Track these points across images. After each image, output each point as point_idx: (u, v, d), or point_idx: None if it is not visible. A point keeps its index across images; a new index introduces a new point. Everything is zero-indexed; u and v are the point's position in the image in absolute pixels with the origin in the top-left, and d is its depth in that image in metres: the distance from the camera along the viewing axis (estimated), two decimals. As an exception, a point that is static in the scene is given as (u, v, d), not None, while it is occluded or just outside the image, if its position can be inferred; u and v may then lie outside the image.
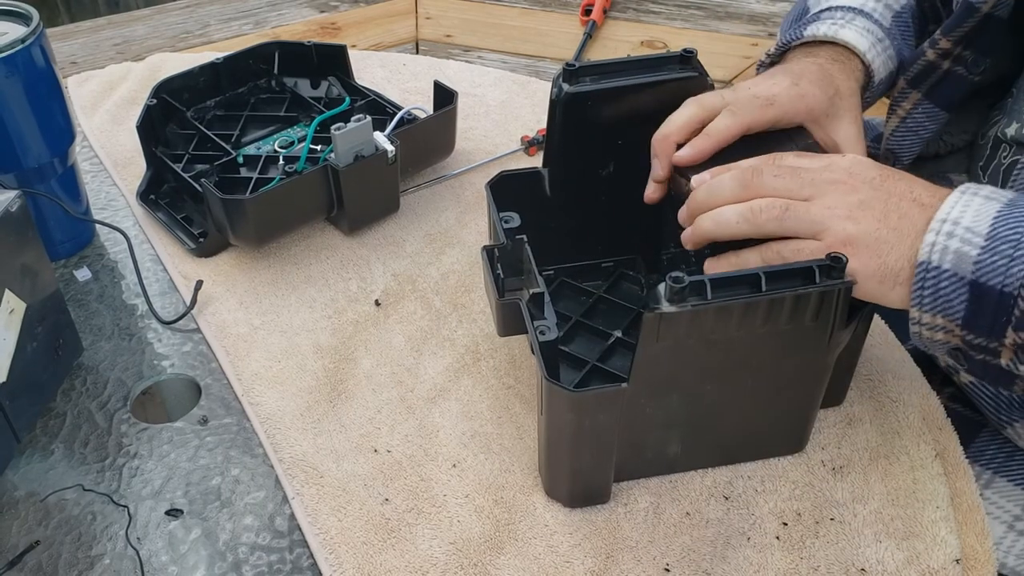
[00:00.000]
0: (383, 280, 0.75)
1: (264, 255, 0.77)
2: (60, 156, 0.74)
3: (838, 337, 0.53)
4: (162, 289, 0.75)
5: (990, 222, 0.49)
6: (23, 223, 0.60)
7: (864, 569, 0.55)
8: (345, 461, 0.61)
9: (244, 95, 0.88)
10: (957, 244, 0.49)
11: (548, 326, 0.56)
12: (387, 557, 0.56)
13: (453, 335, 0.71)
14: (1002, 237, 0.48)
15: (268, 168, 0.80)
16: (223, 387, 0.67)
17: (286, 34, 1.24)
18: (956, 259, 0.49)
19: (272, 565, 0.56)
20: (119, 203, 0.84)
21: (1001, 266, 0.48)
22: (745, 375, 0.55)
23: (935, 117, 0.71)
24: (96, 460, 0.62)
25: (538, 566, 0.55)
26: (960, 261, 0.49)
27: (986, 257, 0.49)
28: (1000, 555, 0.62)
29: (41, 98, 0.70)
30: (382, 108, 0.85)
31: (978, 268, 0.49)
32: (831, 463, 0.61)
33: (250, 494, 0.60)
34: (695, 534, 0.57)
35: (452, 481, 0.60)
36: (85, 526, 0.58)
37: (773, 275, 0.50)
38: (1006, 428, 0.63)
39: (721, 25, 1.29)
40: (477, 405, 0.65)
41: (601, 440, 0.55)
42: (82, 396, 0.66)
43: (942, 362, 0.68)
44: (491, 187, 0.65)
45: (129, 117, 0.93)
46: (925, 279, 0.50)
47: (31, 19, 0.69)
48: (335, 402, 0.65)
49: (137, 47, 1.20)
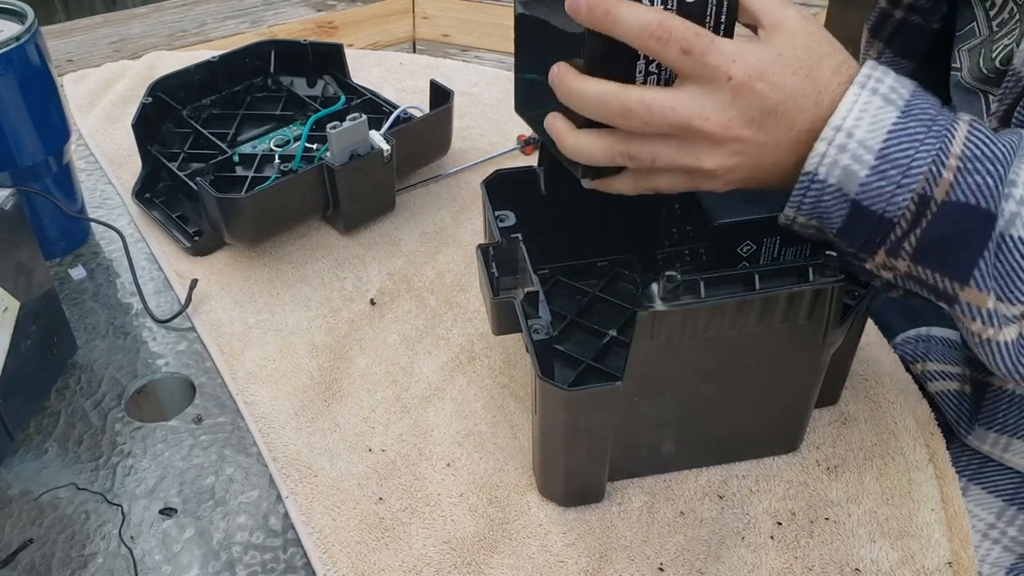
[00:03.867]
0: (378, 279, 0.75)
1: (259, 254, 0.77)
2: (55, 154, 0.74)
3: (832, 336, 0.53)
4: (157, 288, 0.75)
5: (883, 137, 0.47)
6: (17, 221, 0.60)
7: (858, 569, 0.55)
8: (339, 460, 0.61)
9: (240, 94, 0.88)
10: (847, 160, 0.47)
11: (542, 325, 0.56)
12: (381, 556, 0.56)
13: (448, 334, 0.70)
14: (892, 159, 0.47)
15: (264, 167, 0.80)
16: (217, 386, 0.67)
17: (283, 33, 1.24)
18: (843, 175, 0.48)
19: (266, 564, 0.56)
20: (114, 201, 0.84)
21: (887, 192, 0.47)
22: (739, 374, 0.55)
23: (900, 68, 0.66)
24: (90, 459, 0.62)
25: (532, 565, 0.55)
26: (847, 178, 0.48)
27: (873, 179, 0.47)
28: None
29: (36, 96, 0.69)
30: (378, 107, 0.85)
31: (863, 189, 0.47)
32: (826, 463, 0.61)
33: (244, 493, 0.60)
34: (689, 533, 0.57)
35: (446, 480, 0.60)
36: (79, 525, 0.58)
37: (767, 273, 0.50)
38: (966, 437, 0.63)
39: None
40: (472, 404, 0.65)
41: (595, 439, 0.55)
42: (76, 395, 0.66)
43: (916, 370, 0.68)
44: (486, 186, 0.65)
45: (125, 115, 0.93)
46: (808, 189, 0.49)
47: (26, 17, 0.69)
48: (330, 401, 0.65)
49: (134, 45, 1.20)
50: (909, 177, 0.47)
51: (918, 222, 0.47)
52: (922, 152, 0.47)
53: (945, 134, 0.47)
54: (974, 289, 0.48)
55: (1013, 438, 0.62)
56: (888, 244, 0.48)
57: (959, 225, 0.47)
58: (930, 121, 0.47)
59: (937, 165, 0.47)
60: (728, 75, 0.47)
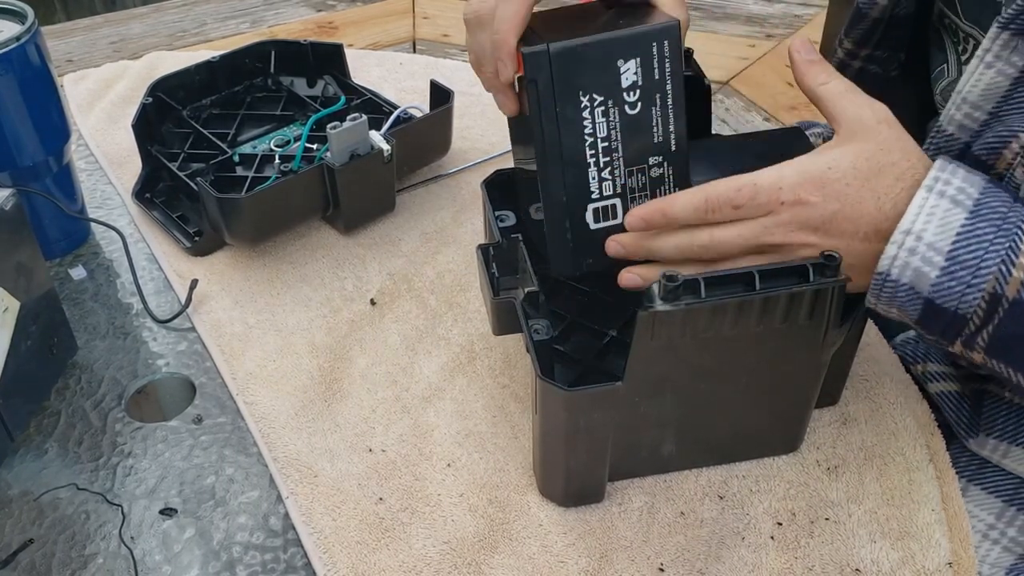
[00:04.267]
0: (379, 279, 0.75)
1: (259, 254, 0.77)
2: (55, 154, 0.74)
3: (832, 336, 0.53)
4: (157, 288, 0.75)
5: (952, 239, 0.49)
6: (17, 221, 0.60)
7: (859, 569, 0.55)
8: (339, 460, 0.61)
9: (240, 94, 0.88)
10: (918, 263, 0.49)
11: (542, 325, 0.56)
12: (381, 556, 0.56)
13: (448, 334, 0.70)
14: (961, 261, 0.49)
15: (264, 167, 0.80)
16: (218, 386, 0.67)
17: (283, 33, 1.24)
18: (915, 276, 0.50)
19: (266, 564, 0.56)
20: (114, 202, 0.84)
21: (957, 292, 0.49)
22: (740, 374, 0.54)
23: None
24: (90, 459, 0.62)
25: (532, 566, 0.55)
26: (918, 279, 0.50)
27: (944, 280, 0.49)
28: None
29: (36, 96, 0.69)
30: (378, 107, 0.85)
31: (935, 289, 0.49)
32: (826, 463, 0.61)
33: (244, 493, 0.60)
34: (690, 534, 0.57)
35: (446, 480, 0.60)
36: (79, 525, 0.58)
37: (767, 274, 0.50)
38: (967, 440, 0.63)
39: (718, 26, 1.29)
40: (472, 404, 0.65)
41: (595, 439, 0.55)
42: (76, 395, 0.66)
43: (916, 371, 0.68)
44: (486, 185, 0.65)
45: (125, 115, 0.93)
46: (883, 286, 0.51)
47: (26, 17, 0.68)
48: (330, 401, 0.65)
49: (134, 45, 1.20)
50: (979, 277, 0.48)
51: (990, 319, 0.49)
52: (991, 252, 0.48)
53: (1016, 232, 0.49)
54: None
55: (1012, 445, 0.62)
56: (963, 337, 0.51)
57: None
58: (1000, 220, 0.49)
59: (1007, 264, 0.48)
60: (780, 201, 0.51)
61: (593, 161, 0.55)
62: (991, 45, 0.54)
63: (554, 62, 0.52)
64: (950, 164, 0.51)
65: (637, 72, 0.53)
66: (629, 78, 0.53)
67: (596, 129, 0.54)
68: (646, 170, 0.56)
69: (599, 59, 0.53)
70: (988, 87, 0.55)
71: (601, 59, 0.53)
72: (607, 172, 0.55)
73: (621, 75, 0.53)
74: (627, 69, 0.53)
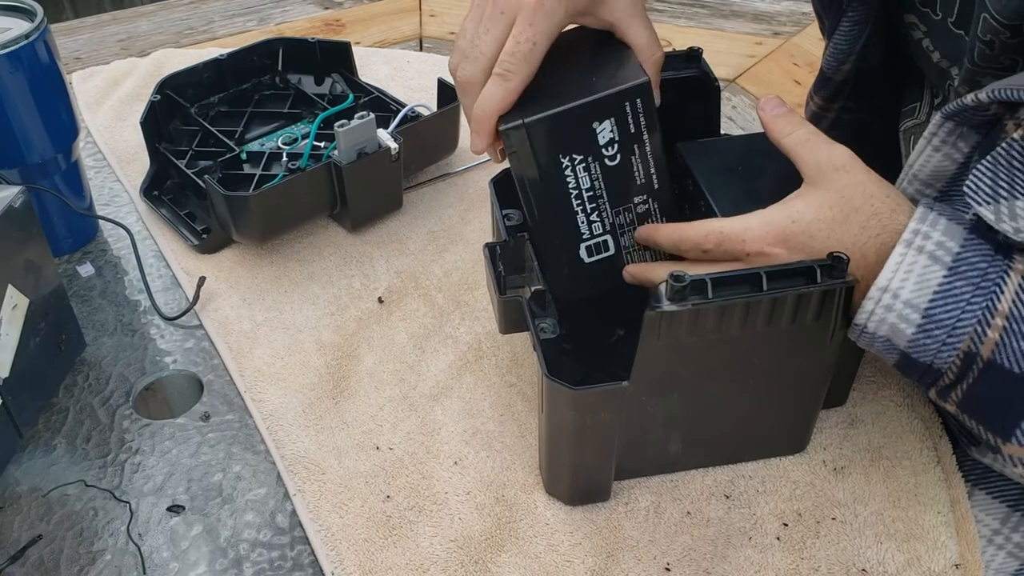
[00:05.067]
0: (386, 277, 0.75)
1: (267, 252, 0.77)
2: (64, 152, 0.74)
3: (840, 337, 0.53)
4: (165, 285, 0.75)
5: (929, 297, 0.48)
6: (27, 219, 0.60)
7: (865, 570, 0.55)
8: (347, 458, 0.61)
9: (248, 91, 0.88)
10: (894, 319, 0.49)
11: (549, 324, 0.56)
12: (388, 554, 0.56)
13: (456, 332, 0.71)
14: (938, 320, 0.48)
15: (271, 165, 0.80)
16: (225, 383, 0.67)
17: (290, 30, 1.24)
18: (891, 331, 0.50)
19: (273, 562, 0.56)
20: (122, 199, 0.85)
21: (932, 349, 0.49)
22: (746, 374, 0.54)
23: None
24: (98, 456, 0.62)
25: (539, 564, 0.55)
26: (895, 334, 0.50)
27: (919, 337, 0.49)
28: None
29: (45, 94, 0.70)
30: (386, 105, 0.85)
31: (911, 345, 0.50)
32: (832, 463, 0.61)
33: (252, 491, 0.60)
34: (696, 533, 0.57)
35: (453, 479, 0.60)
36: (87, 522, 0.58)
37: (774, 274, 0.50)
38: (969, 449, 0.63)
39: (725, 23, 1.28)
40: (479, 403, 0.65)
41: (602, 438, 0.55)
42: (84, 392, 0.67)
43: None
44: (495, 184, 0.65)
45: (133, 113, 0.93)
46: (860, 335, 0.51)
47: (35, 15, 0.69)
48: (337, 399, 0.65)
49: (141, 43, 1.20)
50: (954, 336, 0.48)
51: (964, 376, 0.49)
52: (968, 312, 0.48)
53: (993, 291, 0.48)
54: (1015, 445, 0.50)
55: None
56: (938, 388, 0.51)
57: (1003, 389, 0.48)
58: (978, 277, 0.48)
59: (982, 324, 0.48)
60: (745, 252, 0.52)
61: (580, 208, 0.57)
62: (937, 131, 0.55)
63: (531, 134, 0.54)
64: (931, 213, 0.50)
65: (613, 130, 0.54)
66: (605, 136, 0.54)
67: (579, 183, 0.56)
68: (632, 208, 0.58)
69: (574, 124, 0.54)
70: (936, 169, 0.56)
71: (576, 124, 0.54)
72: (595, 215, 0.57)
73: (597, 135, 0.54)
74: (603, 129, 0.54)
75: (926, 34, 0.63)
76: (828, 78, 0.71)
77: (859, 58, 0.69)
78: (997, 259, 0.48)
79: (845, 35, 0.68)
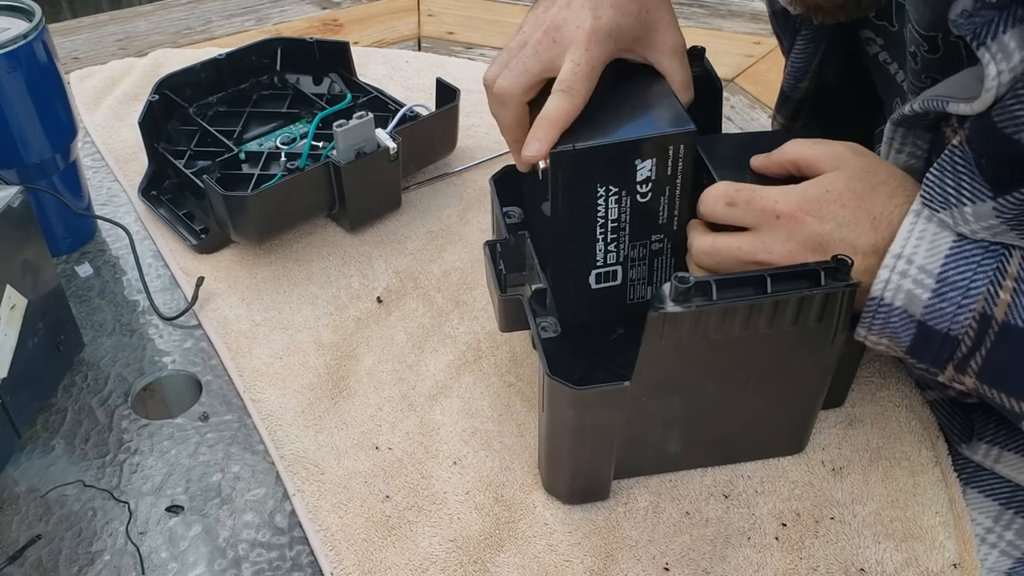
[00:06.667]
0: (385, 277, 0.75)
1: (266, 252, 0.77)
2: (62, 152, 0.74)
3: (841, 339, 0.53)
4: (163, 285, 0.75)
5: (942, 261, 0.50)
6: (25, 219, 0.60)
7: (863, 569, 0.55)
8: (346, 458, 0.61)
9: (246, 91, 0.88)
10: (910, 285, 0.50)
11: (550, 323, 0.57)
12: (387, 554, 0.56)
13: (455, 332, 0.71)
14: (952, 282, 0.50)
15: (270, 165, 0.80)
16: (224, 383, 0.67)
17: (288, 30, 1.24)
18: (907, 299, 0.51)
19: (272, 562, 0.56)
20: (121, 199, 0.84)
21: (949, 313, 0.50)
22: (748, 375, 0.55)
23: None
24: (97, 456, 0.62)
25: (538, 564, 0.55)
26: (911, 301, 0.50)
27: (936, 302, 0.50)
28: None
29: (43, 94, 0.70)
30: (384, 105, 0.85)
31: (927, 311, 0.50)
32: (831, 463, 0.61)
33: (251, 491, 0.60)
34: (695, 533, 0.57)
35: (453, 478, 0.60)
36: (85, 522, 0.58)
37: (778, 277, 0.50)
38: (960, 446, 0.64)
39: (723, 23, 1.28)
40: (478, 402, 0.65)
41: (602, 437, 0.55)
42: (83, 392, 0.67)
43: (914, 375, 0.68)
44: (495, 181, 0.65)
45: (131, 113, 0.93)
46: (876, 312, 0.52)
47: (33, 14, 0.69)
48: (336, 399, 0.65)
49: (139, 43, 1.19)
50: (969, 298, 0.49)
51: (982, 341, 0.50)
52: (980, 273, 0.49)
53: (1003, 253, 0.49)
54: None
55: (1004, 450, 0.63)
56: (955, 361, 0.51)
57: (1021, 351, 0.49)
58: (986, 242, 0.50)
59: (995, 285, 0.49)
60: (776, 213, 0.53)
61: (601, 237, 0.58)
62: (893, 136, 0.57)
63: (578, 160, 0.55)
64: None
65: (652, 169, 0.55)
66: (644, 173, 0.56)
67: (608, 213, 0.57)
68: (648, 244, 0.59)
69: (618, 157, 0.55)
70: (906, 167, 0.57)
71: (620, 158, 0.55)
72: (612, 246, 0.58)
73: (637, 171, 0.55)
74: (643, 167, 0.55)
75: (883, 47, 0.64)
76: (787, 96, 0.72)
77: (816, 76, 0.70)
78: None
79: (800, 53, 0.69)
